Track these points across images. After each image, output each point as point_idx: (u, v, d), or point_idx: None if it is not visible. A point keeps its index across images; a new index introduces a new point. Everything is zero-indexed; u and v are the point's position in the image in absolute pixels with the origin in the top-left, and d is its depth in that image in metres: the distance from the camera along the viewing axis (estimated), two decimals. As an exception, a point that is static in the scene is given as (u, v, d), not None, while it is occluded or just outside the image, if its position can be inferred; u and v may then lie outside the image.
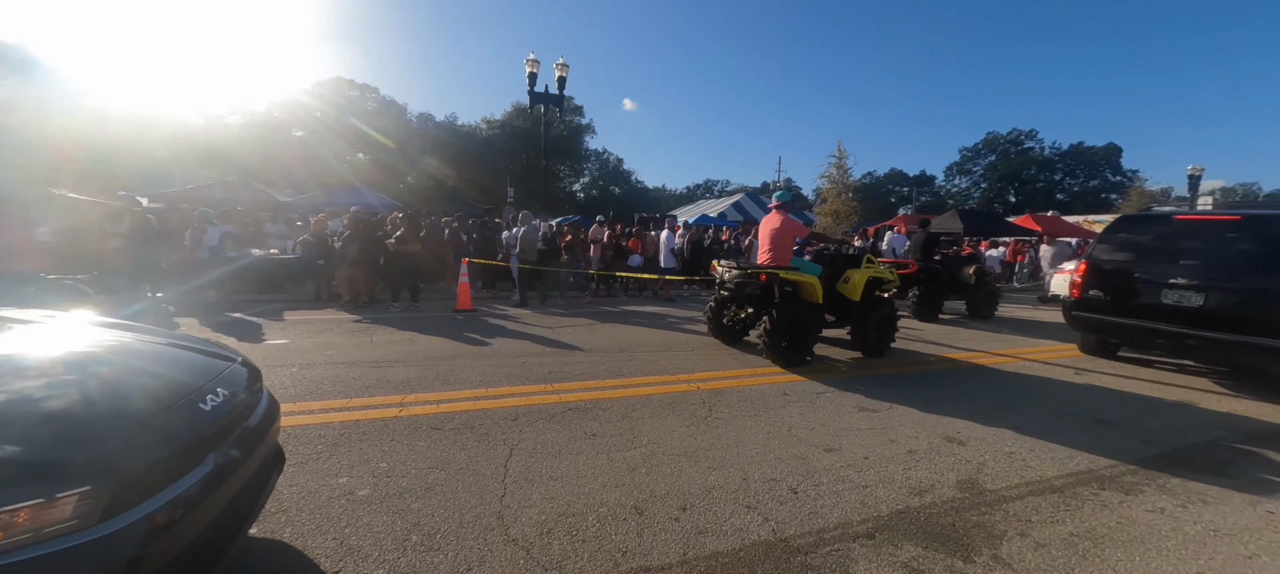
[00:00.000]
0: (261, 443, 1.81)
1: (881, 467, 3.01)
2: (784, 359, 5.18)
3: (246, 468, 1.69)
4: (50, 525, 1.11)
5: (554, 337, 6.35)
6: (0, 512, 1.05)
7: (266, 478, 1.88)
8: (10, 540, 1.06)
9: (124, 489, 1.23)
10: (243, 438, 1.70)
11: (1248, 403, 4.72)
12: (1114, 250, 5.94)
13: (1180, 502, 2.73)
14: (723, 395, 4.19)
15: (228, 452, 1.60)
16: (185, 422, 1.51)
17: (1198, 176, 20.73)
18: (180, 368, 1.79)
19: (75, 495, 1.14)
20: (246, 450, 1.69)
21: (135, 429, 1.38)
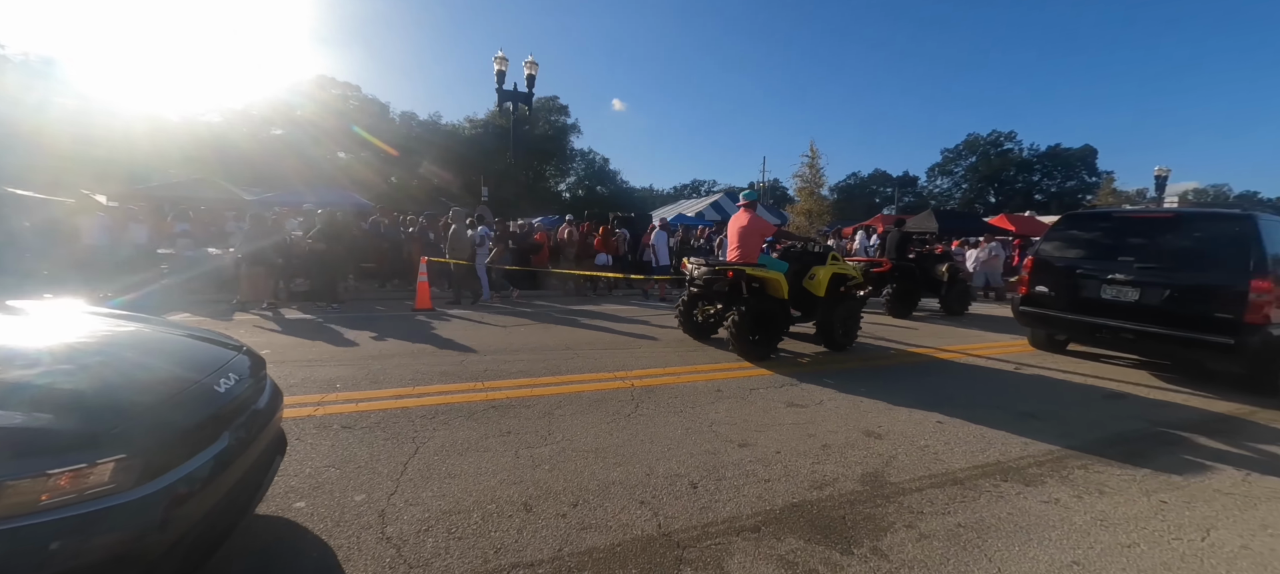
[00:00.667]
0: (267, 426, 1.94)
1: (790, 461, 3.00)
2: (751, 353, 5.29)
3: (255, 448, 1.80)
4: (91, 488, 1.24)
5: (503, 335, 6.29)
6: (48, 474, 1.18)
7: (271, 459, 2.00)
8: (55, 500, 1.18)
9: (154, 458, 1.37)
10: (251, 420, 1.83)
11: (1183, 395, 4.84)
12: (1058, 248, 6.10)
13: (1077, 492, 2.76)
14: (655, 392, 4.16)
15: (239, 431, 1.72)
16: (203, 402, 1.65)
17: (1164, 177, 21.19)
18: (196, 353, 1.94)
19: (112, 462, 1.28)
20: (254, 431, 1.82)
21: (162, 406, 1.53)
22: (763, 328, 5.35)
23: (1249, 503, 2.72)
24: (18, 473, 1.16)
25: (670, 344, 6.05)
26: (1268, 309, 4.73)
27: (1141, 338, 5.24)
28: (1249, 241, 4.93)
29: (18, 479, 1.16)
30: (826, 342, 6.00)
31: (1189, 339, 4.94)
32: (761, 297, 5.49)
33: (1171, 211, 6.00)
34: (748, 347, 5.26)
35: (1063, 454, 3.25)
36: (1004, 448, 3.31)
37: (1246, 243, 4.92)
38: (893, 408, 3.99)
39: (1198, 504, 2.68)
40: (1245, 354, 4.73)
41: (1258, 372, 4.93)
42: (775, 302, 5.51)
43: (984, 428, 3.65)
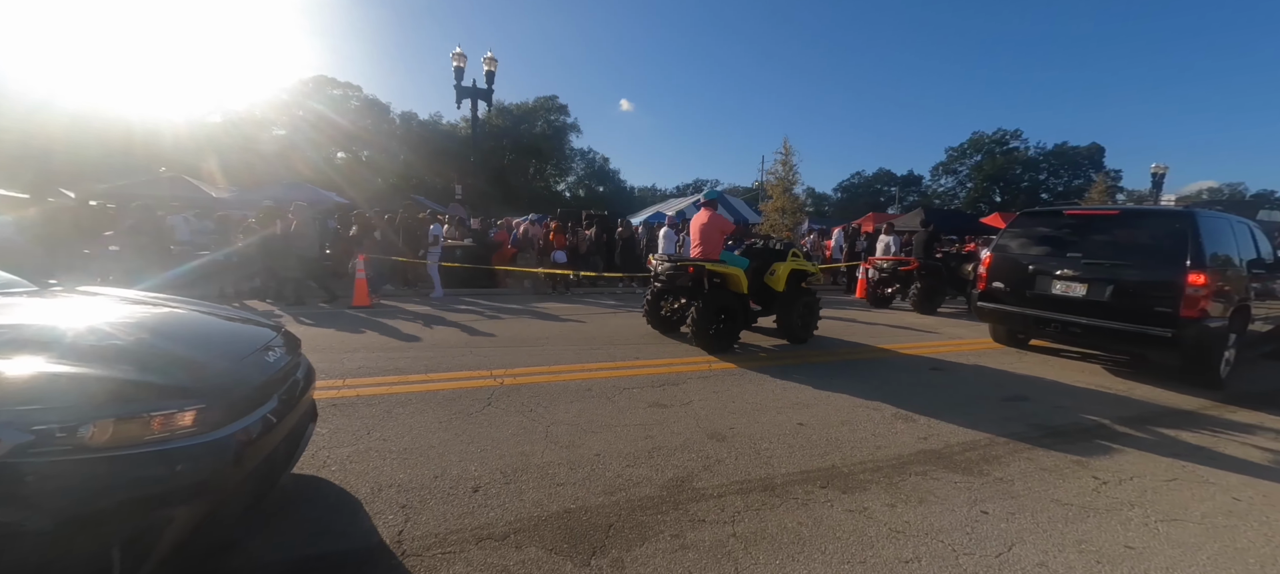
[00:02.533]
0: (304, 394, 2.25)
1: (605, 464, 2.83)
2: (711, 346, 5.43)
3: (296, 412, 2.11)
4: (180, 429, 1.56)
5: (422, 332, 6.17)
6: (149, 415, 1.52)
7: (305, 426, 2.32)
8: (154, 436, 1.52)
9: (226, 410, 1.69)
10: (292, 388, 2.14)
11: (1117, 390, 4.85)
12: (1013, 244, 6.12)
13: (894, 501, 2.55)
14: (517, 391, 4.00)
15: (284, 395, 2.03)
16: (259, 369, 1.99)
17: (1161, 175, 20.58)
18: (248, 331, 2.28)
19: (194, 410, 1.60)
20: (296, 396, 2.13)
21: (233, 369, 1.89)
22: (723, 321, 5.47)
23: (1084, 514, 2.50)
24: (127, 414, 1.50)
25: (585, 342, 5.89)
26: (1204, 303, 4.79)
27: (1088, 332, 5.32)
28: (1187, 238, 4.99)
29: (128, 419, 1.50)
30: (787, 335, 6.19)
31: (1130, 332, 5.03)
32: (722, 291, 5.59)
33: (1117, 209, 6.12)
34: (708, 339, 5.40)
35: (912, 459, 3.04)
36: (850, 452, 3.11)
37: (1185, 239, 4.98)
38: (767, 408, 3.80)
39: (1023, 515, 2.47)
40: (1182, 346, 4.84)
41: (1194, 363, 5.08)
42: (735, 296, 5.62)
43: (849, 430, 3.45)
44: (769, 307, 6.23)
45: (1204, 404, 4.57)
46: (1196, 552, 2.24)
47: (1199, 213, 5.43)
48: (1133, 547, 2.25)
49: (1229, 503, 2.69)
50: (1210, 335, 4.91)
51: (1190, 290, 4.78)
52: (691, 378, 4.53)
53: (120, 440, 1.45)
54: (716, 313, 5.43)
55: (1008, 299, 5.97)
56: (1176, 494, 2.76)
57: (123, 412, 1.49)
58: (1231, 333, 5.22)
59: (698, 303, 5.41)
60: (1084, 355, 6.28)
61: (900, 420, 3.68)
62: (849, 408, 3.91)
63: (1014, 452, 3.22)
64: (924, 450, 3.18)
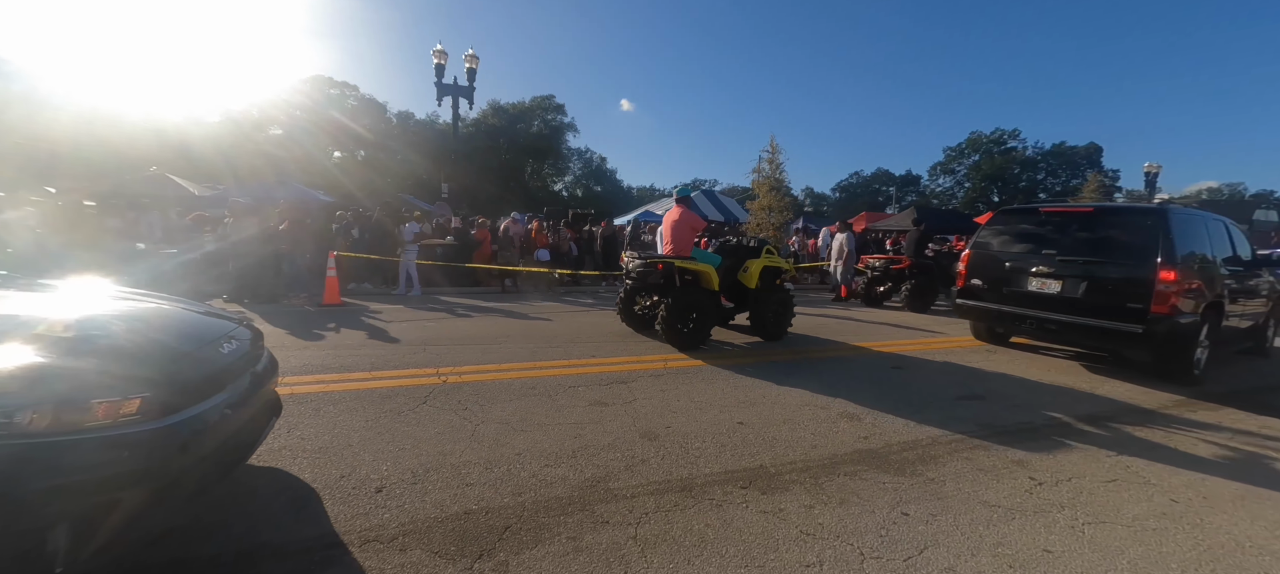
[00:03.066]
0: (264, 386, 2.28)
1: (524, 463, 2.74)
2: (682, 342, 5.40)
3: (253, 403, 2.15)
4: (124, 416, 1.57)
5: (383, 329, 6.08)
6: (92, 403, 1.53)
7: (267, 418, 2.35)
8: (98, 423, 1.53)
9: (173, 398, 1.71)
10: (251, 379, 2.18)
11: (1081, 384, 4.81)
12: (991, 241, 6.16)
13: (814, 502, 2.46)
14: (459, 389, 3.91)
15: (240, 386, 2.06)
16: (213, 358, 2.00)
17: (1154, 174, 20.48)
18: (205, 323, 2.30)
19: (139, 399, 1.61)
20: (253, 389, 2.16)
21: (183, 357, 1.90)
22: (693, 318, 5.42)
23: (1009, 517, 2.41)
24: (69, 400, 1.51)
25: (546, 340, 5.80)
26: (1174, 299, 4.81)
27: (1063, 327, 5.39)
28: (1158, 235, 5.01)
29: (69, 405, 1.50)
30: (759, 332, 6.17)
31: (1103, 328, 5.08)
32: (693, 288, 5.56)
33: (1092, 206, 6.10)
34: (679, 336, 5.37)
35: (846, 458, 2.95)
36: (784, 452, 3.02)
37: (1156, 236, 5.00)
38: (711, 407, 3.71)
39: (945, 517, 2.38)
40: (1153, 341, 4.88)
41: (1165, 358, 5.11)
42: (706, 293, 5.60)
43: (790, 429, 3.36)
44: (742, 303, 6.22)
45: (1171, 401, 4.48)
46: (1117, 556, 2.15)
47: (1171, 210, 5.45)
48: (1051, 551, 2.16)
49: (1166, 505, 2.60)
50: (1181, 331, 4.90)
51: (1161, 286, 4.79)
52: (644, 376, 4.44)
53: (61, 426, 1.48)
54: (687, 310, 5.40)
55: (986, 296, 5.99)
56: (1112, 496, 2.66)
57: (65, 398, 1.51)
58: (1204, 329, 5.20)
59: (668, 300, 5.39)
60: (1063, 352, 6.21)
61: (845, 419, 3.59)
62: (797, 406, 3.82)
63: (954, 451, 3.13)
64: (861, 450, 3.09)
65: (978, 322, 6.58)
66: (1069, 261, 5.40)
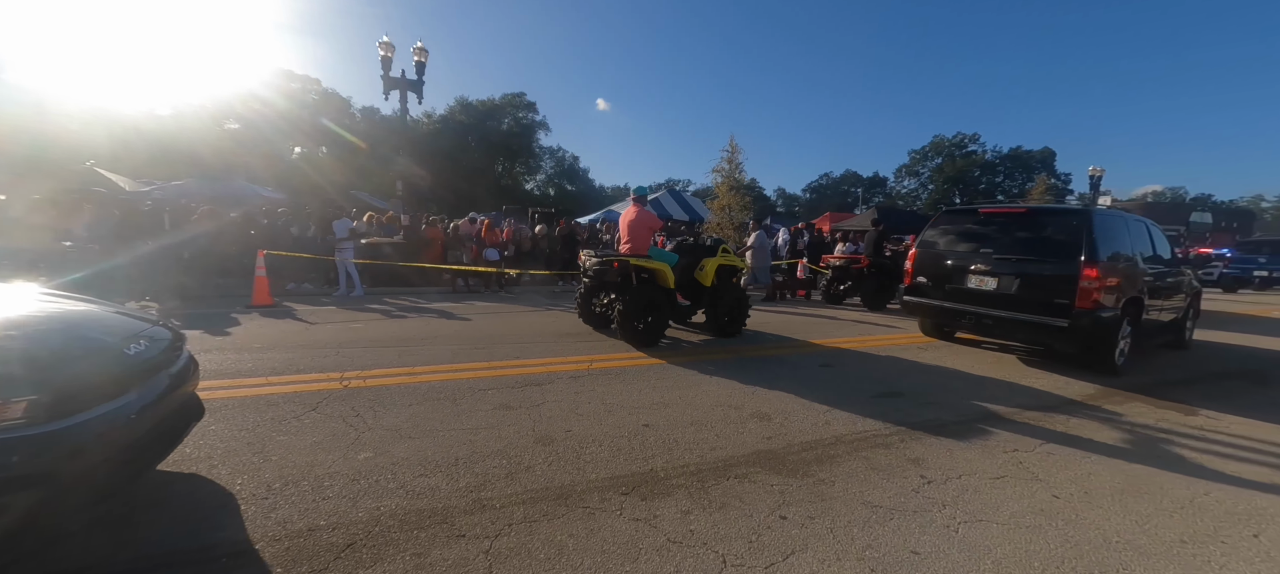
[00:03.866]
0: (181, 388, 2.23)
1: (394, 472, 2.58)
2: (638, 340, 5.44)
3: (165, 405, 2.08)
4: (7, 419, 1.52)
5: (303, 332, 5.80)
6: None
7: (184, 422, 2.33)
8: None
9: (64, 401, 1.64)
10: (168, 381, 2.12)
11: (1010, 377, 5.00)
12: (936, 240, 6.35)
13: (692, 507, 2.38)
14: (358, 393, 3.71)
15: (152, 388, 2.01)
16: (112, 361, 1.92)
17: (1098, 177, 21.39)
18: (112, 324, 2.21)
19: (24, 402, 1.56)
20: (166, 392, 2.09)
21: (74, 359, 1.83)
22: (649, 316, 5.46)
23: (888, 517, 2.37)
24: None
25: (474, 341, 5.61)
26: (1096, 295, 5.04)
27: (999, 323, 5.61)
28: (1082, 235, 5.26)
29: None
30: (714, 329, 6.29)
31: (1033, 322, 5.32)
32: (649, 286, 5.62)
33: (1024, 207, 6.30)
34: (635, 334, 5.41)
35: (742, 460, 2.88)
36: (680, 454, 2.93)
37: (1081, 235, 5.25)
38: (625, 407, 3.60)
39: (823, 520, 2.33)
40: (1077, 335, 5.10)
41: (1090, 351, 5.37)
42: (662, 291, 5.66)
43: (696, 431, 3.28)
44: (698, 301, 6.31)
45: (1089, 393, 4.63)
46: (984, 556, 2.12)
47: (1095, 211, 5.70)
48: (918, 552, 2.12)
49: (1047, 501, 2.61)
50: (1103, 325, 5.14)
51: (1084, 283, 5.03)
52: (563, 377, 4.32)
53: None
54: (643, 307, 5.43)
55: (930, 293, 6.16)
56: (996, 492, 2.66)
57: None
58: (1125, 322, 5.47)
59: (623, 298, 5.41)
60: (1003, 346, 6.40)
61: (755, 419, 3.54)
62: (711, 406, 3.76)
63: (855, 450, 3.10)
64: (762, 451, 3.03)
65: (924, 318, 6.75)
66: (1004, 260, 5.61)
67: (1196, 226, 36.58)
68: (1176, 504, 2.64)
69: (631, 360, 5.00)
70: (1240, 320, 10.29)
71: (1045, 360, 5.81)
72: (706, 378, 4.50)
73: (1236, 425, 3.94)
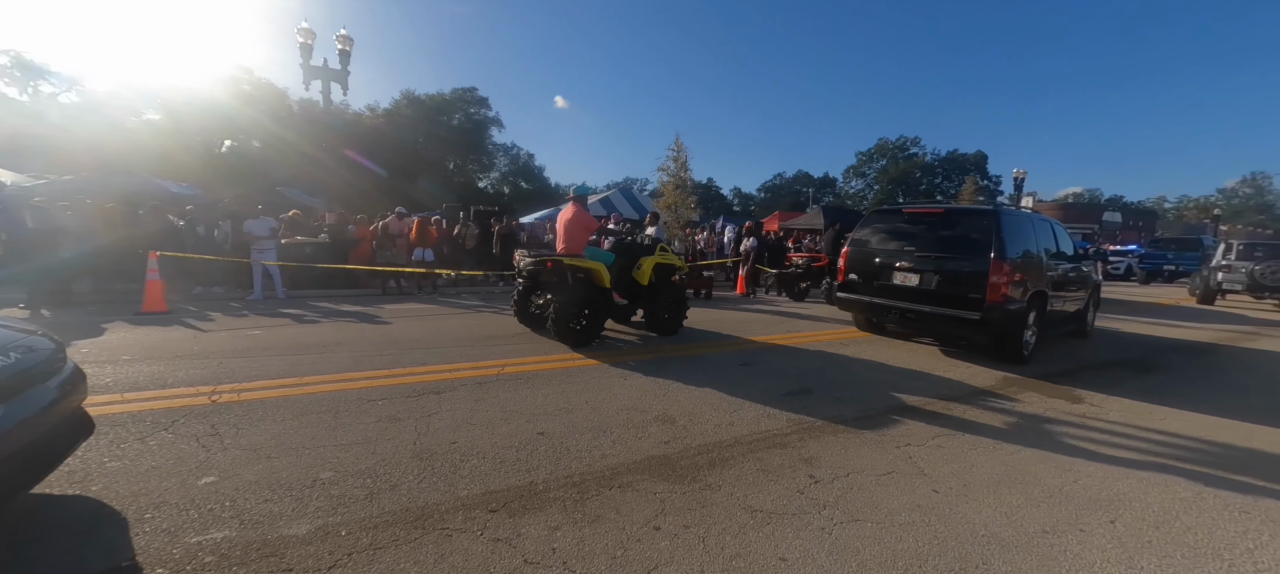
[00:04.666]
0: (58, 404, 2.05)
1: (232, 502, 2.30)
2: (573, 340, 5.40)
3: (42, 420, 1.95)
4: None
5: (190, 340, 5.28)
6: None
7: (66, 440, 2.16)
8: None
9: None
10: (37, 397, 1.95)
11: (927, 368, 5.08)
12: (865, 239, 6.58)
13: (563, 523, 2.24)
14: (232, 409, 3.37)
15: (21, 405, 1.86)
16: None
17: (1021, 179, 22.83)
18: None
19: None
20: (41, 407, 1.94)
21: None
22: (585, 315, 5.44)
23: (766, 522, 2.31)
24: None
25: (381, 347, 5.27)
26: (1005, 289, 5.39)
27: (920, 317, 5.88)
28: (992, 232, 5.56)
29: None
30: (653, 327, 6.36)
31: (949, 316, 5.60)
32: (585, 286, 5.57)
33: (942, 207, 6.55)
34: (569, 333, 5.37)
35: (630, 468, 2.76)
36: (567, 464, 2.79)
37: (990, 234, 5.56)
38: (524, 415, 3.42)
39: (698, 529, 2.24)
40: (988, 327, 5.43)
41: (1000, 342, 5.69)
42: (598, 290, 5.63)
43: (592, 437, 3.14)
44: (636, 300, 6.30)
45: (994, 383, 4.89)
46: (850, 558, 2.09)
47: (1003, 211, 6.03)
48: (786, 558, 2.06)
49: (926, 496, 2.63)
50: (1011, 317, 5.48)
51: (995, 278, 5.37)
52: (467, 384, 4.09)
53: None
54: (578, 307, 5.39)
55: (861, 289, 6.40)
56: (880, 490, 2.66)
57: None
58: (1031, 314, 5.82)
59: (558, 297, 5.37)
60: (930, 340, 6.71)
61: (659, 423, 3.44)
62: (618, 409, 3.64)
63: (751, 451, 3.05)
64: (655, 456, 2.93)
65: (856, 313, 7.00)
66: (924, 257, 5.90)
67: (1108, 225, 39.85)
68: (1047, 493, 2.72)
69: (547, 363, 4.82)
70: (1147, 308, 11.63)
71: (964, 352, 6.10)
72: (622, 379, 4.38)
73: (1115, 411, 4.19)
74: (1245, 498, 2.78)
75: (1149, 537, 2.36)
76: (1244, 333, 8.83)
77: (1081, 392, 4.72)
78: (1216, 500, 2.73)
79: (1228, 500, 2.74)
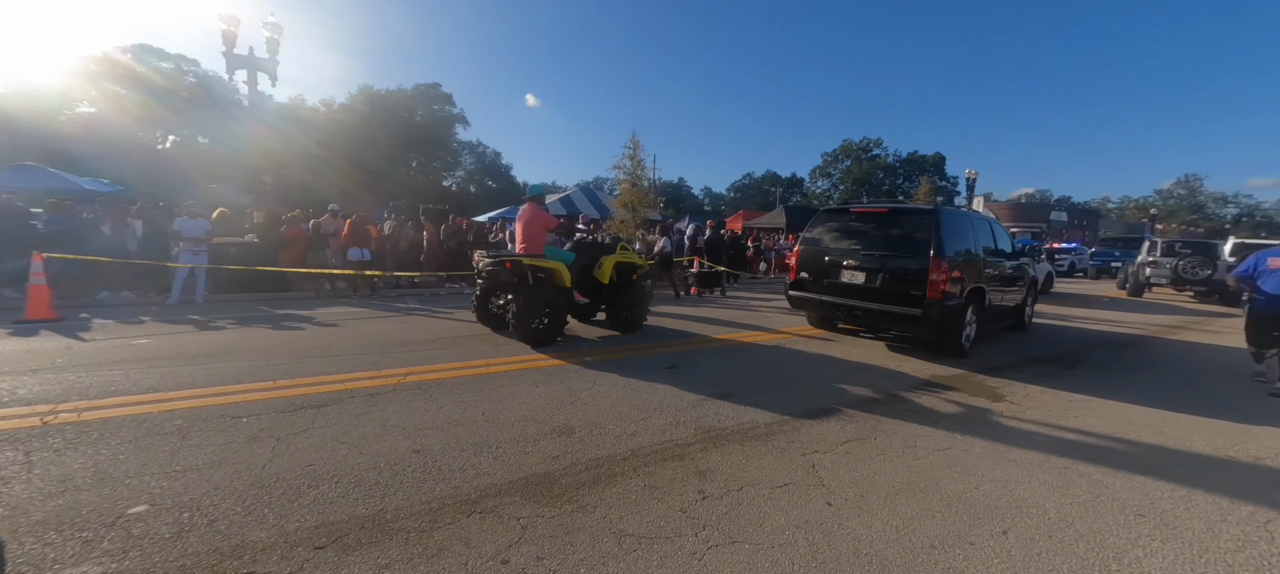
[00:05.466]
0: None
1: (151, 521, 1.95)
2: (535, 338, 5.44)
3: None
4: None
5: (64, 350, 4.74)
6: None
7: None
8: None
9: None
10: None
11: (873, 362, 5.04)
12: (816, 238, 6.65)
13: (395, 560, 1.96)
14: (64, 431, 2.96)
15: None
16: None
17: (973, 180, 23.51)
18: None
19: None
20: None
21: None
22: (546, 314, 5.48)
23: (635, 547, 2.09)
24: None
25: (283, 356, 4.86)
26: (944, 286, 5.54)
27: (867, 313, 6.03)
28: (932, 231, 5.70)
29: None
30: (615, 325, 6.43)
31: (893, 312, 5.74)
32: (545, 285, 5.59)
33: (886, 207, 6.62)
34: (531, 332, 5.41)
35: (502, 489, 2.50)
36: (429, 487, 2.50)
37: (930, 232, 5.69)
38: (407, 430, 3.12)
39: (550, 560, 1.99)
40: (929, 322, 5.54)
41: (939, 336, 5.86)
42: (559, 289, 5.66)
43: (472, 453, 2.86)
44: (598, 299, 6.40)
45: (929, 379, 4.91)
46: (714, 588, 1.89)
47: (942, 211, 6.19)
48: (641, 592, 1.84)
49: (818, 511, 2.45)
50: (950, 313, 5.65)
51: (934, 276, 5.50)
52: (357, 396, 3.74)
53: None
54: (539, 306, 5.42)
55: (811, 288, 6.49)
56: (770, 504, 2.48)
57: None
58: (969, 309, 5.99)
59: (519, 297, 5.37)
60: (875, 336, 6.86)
61: (555, 435, 3.19)
62: (512, 421, 3.36)
63: (643, 465, 2.83)
64: (536, 474, 2.67)
65: (808, 311, 7.09)
66: (870, 256, 6.02)
67: (1055, 224, 41.71)
68: (945, 501, 2.59)
69: (458, 370, 4.50)
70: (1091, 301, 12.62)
71: (909, 348, 6.22)
72: (532, 387, 4.11)
73: (1034, 408, 4.15)
74: (1143, 500, 2.71)
75: (1040, 547, 2.24)
76: (1169, 326, 9.17)
77: (1006, 388, 4.70)
78: (1114, 504, 2.66)
79: (1125, 503, 2.67)
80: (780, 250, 17.89)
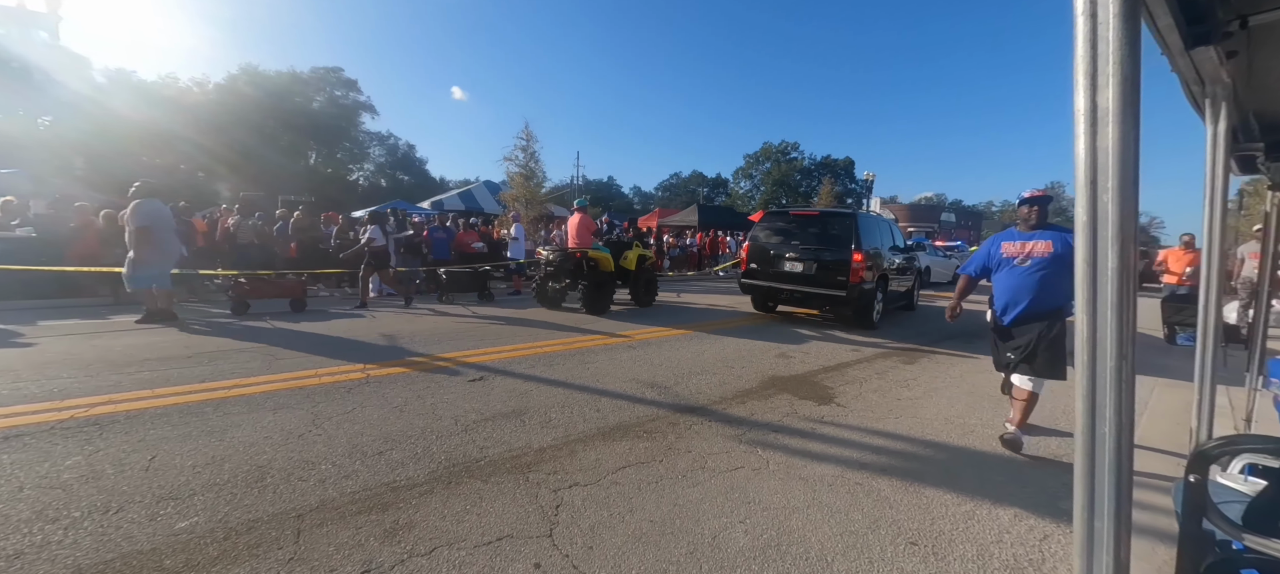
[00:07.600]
0: None
1: None
2: (598, 309, 7.69)
3: None
4: None
5: None
6: None
7: None
8: None
9: None
10: None
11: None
12: (762, 234, 8.15)
13: None
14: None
15: None
16: None
17: (870, 182, 24.85)
18: None
19: None
20: None
21: None
22: (603, 291, 7.82)
23: None
24: None
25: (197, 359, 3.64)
26: (861, 272, 7.05)
27: (805, 296, 7.66)
28: (853, 228, 7.29)
29: None
30: (636, 300, 8.68)
31: (825, 295, 7.29)
32: (598, 271, 7.89)
33: (818, 210, 8.78)
34: (594, 305, 7.66)
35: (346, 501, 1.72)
36: None
37: (851, 231, 7.29)
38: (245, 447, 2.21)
39: None
40: (851, 302, 7.13)
41: (859, 313, 7.42)
42: (607, 274, 8.01)
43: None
44: (624, 282, 8.60)
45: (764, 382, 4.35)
46: None
47: (860, 214, 7.87)
48: None
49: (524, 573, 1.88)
50: (866, 294, 7.22)
51: (855, 264, 7.01)
52: (253, 400, 2.74)
53: None
54: (601, 286, 7.75)
55: (759, 276, 7.93)
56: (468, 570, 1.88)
57: None
58: (878, 292, 7.62)
59: (588, 280, 7.68)
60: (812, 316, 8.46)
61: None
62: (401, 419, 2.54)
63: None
64: (384, 484, 1.90)
65: (755, 296, 8.48)
66: (806, 249, 7.51)
67: (944, 224, 45.62)
68: (690, 549, 2.11)
69: (375, 373, 3.54)
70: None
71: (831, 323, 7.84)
72: (446, 386, 3.26)
73: (857, 411, 3.91)
74: (922, 522, 2.40)
75: (775, 606, 1.80)
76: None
77: (839, 388, 4.47)
78: (890, 530, 2.32)
79: (903, 528, 2.34)
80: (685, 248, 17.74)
